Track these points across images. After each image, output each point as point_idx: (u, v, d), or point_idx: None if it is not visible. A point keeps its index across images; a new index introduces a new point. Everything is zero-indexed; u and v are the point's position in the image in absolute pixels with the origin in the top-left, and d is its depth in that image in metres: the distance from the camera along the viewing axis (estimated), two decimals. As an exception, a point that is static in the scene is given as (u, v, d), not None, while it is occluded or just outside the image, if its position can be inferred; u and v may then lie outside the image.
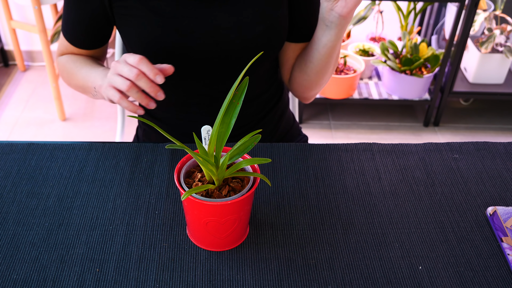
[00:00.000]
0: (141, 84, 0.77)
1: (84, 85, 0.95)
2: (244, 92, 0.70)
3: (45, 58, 2.18)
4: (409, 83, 2.24)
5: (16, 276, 0.71)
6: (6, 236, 0.76)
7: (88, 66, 0.95)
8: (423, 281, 0.72)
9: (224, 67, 0.95)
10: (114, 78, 0.79)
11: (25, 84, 2.60)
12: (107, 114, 2.41)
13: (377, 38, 2.50)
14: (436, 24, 2.46)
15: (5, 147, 0.92)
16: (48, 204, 0.81)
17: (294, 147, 0.94)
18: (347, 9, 0.84)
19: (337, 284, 0.71)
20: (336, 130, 2.37)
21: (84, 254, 0.74)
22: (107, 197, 0.83)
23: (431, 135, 2.37)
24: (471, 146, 0.96)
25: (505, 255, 0.75)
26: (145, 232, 0.77)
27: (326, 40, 0.91)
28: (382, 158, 0.93)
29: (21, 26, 2.41)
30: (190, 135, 0.86)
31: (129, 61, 0.78)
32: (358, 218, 0.81)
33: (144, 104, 0.79)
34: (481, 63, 2.27)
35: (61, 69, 1.03)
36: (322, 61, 0.95)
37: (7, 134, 2.28)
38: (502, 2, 2.18)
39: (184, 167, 0.73)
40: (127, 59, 0.79)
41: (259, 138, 0.70)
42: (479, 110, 2.53)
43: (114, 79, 0.79)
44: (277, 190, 0.85)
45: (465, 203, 0.84)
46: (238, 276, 0.72)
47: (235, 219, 0.71)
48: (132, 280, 0.70)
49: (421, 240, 0.78)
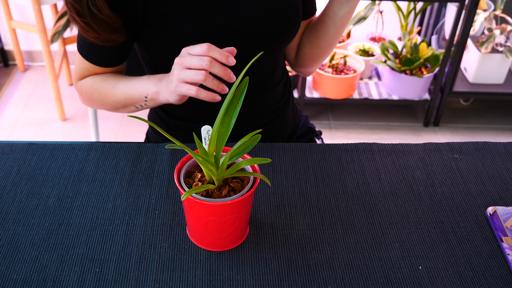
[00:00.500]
0: (215, 70, 0.77)
1: (127, 99, 0.92)
2: (244, 92, 0.70)
3: (45, 58, 2.18)
4: (409, 83, 2.24)
5: (16, 276, 0.71)
6: (6, 236, 0.76)
7: (124, 80, 0.93)
8: (423, 281, 0.72)
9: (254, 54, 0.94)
10: (186, 73, 0.78)
11: (25, 84, 2.60)
12: (107, 114, 2.41)
13: (377, 38, 2.50)
14: (436, 24, 2.46)
15: (5, 147, 0.92)
16: (48, 204, 0.81)
17: (294, 147, 0.94)
18: None
19: (337, 284, 0.71)
20: (336, 130, 2.37)
21: (84, 254, 0.74)
22: (107, 197, 0.83)
23: (431, 135, 2.37)
24: (471, 146, 0.96)
25: (505, 255, 0.75)
26: (145, 232, 0.77)
27: (344, 12, 0.94)
28: (382, 158, 0.93)
29: (21, 26, 2.41)
30: None
31: (195, 51, 0.77)
32: (358, 218, 0.81)
33: (219, 90, 0.79)
34: (481, 63, 2.27)
35: (86, 92, 0.98)
36: (337, 33, 0.99)
37: (7, 134, 2.28)
38: (502, 2, 2.18)
39: (184, 167, 0.73)
40: (190, 51, 0.78)
41: (259, 138, 0.70)
42: (479, 110, 2.53)
43: (185, 74, 0.78)
44: (277, 190, 0.85)
45: (465, 203, 0.84)
46: (238, 276, 0.72)
47: (235, 219, 0.71)
48: (132, 280, 0.70)
49: (421, 240, 0.78)
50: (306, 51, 1.05)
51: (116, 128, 2.35)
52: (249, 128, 1.02)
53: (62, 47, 2.44)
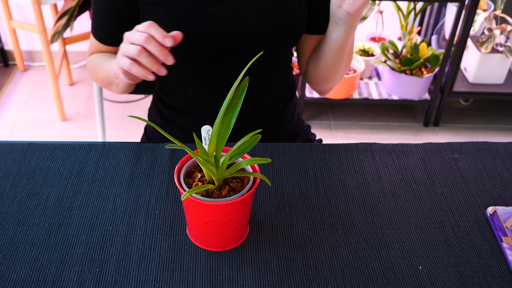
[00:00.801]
0: (151, 47, 0.78)
1: (107, 76, 0.97)
2: (244, 92, 0.70)
3: (45, 58, 2.18)
4: (409, 83, 2.24)
5: (16, 276, 0.71)
6: (6, 236, 0.76)
7: (112, 59, 0.97)
8: (423, 281, 0.72)
9: (245, 54, 0.95)
10: (126, 47, 0.80)
11: (25, 84, 2.60)
12: (107, 114, 2.41)
13: (377, 38, 2.50)
14: (436, 24, 2.46)
15: (5, 147, 0.92)
16: (48, 204, 0.81)
17: (294, 147, 0.94)
18: (355, 7, 0.85)
19: (337, 284, 0.71)
20: (336, 130, 2.37)
21: (84, 254, 0.74)
22: (107, 197, 0.83)
23: (431, 135, 2.37)
24: (471, 146, 0.96)
25: (505, 255, 0.75)
26: (145, 232, 0.77)
27: (335, 36, 0.93)
28: (382, 158, 0.93)
29: (21, 26, 2.41)
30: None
31: (139, 28, 0.79)
32: (358, 218, 0.81)
33: (154, 70, 0.80)
34: (481, 63, 2.27)
35: (89, 67, 1.05)
36: (333, 57, 0.97)
37: (7, 134, 2.28)
38: (502, 2, 2.18)
39: (184, 167, 0.73)
40: (138, 28, 0.80)
41: (259, 138, 0.70)
42: (479, 110, 2.53)
43: (126, 48, 0.80)
44: (277, 190, 0.85)
45: (465, 203, 0.84)
46: (238, 276, 0.72)
47: (235, 219, 0.71)
48: (132, 280, 0.70)
49: (421, 240, 0.78)
50: (310, 67, 1.05)
51: (116, 128, 2.35)
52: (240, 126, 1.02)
53: (62, 47, 2.44)
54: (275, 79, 1.04)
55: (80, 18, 2.47)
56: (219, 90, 1.00)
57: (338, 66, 0.99)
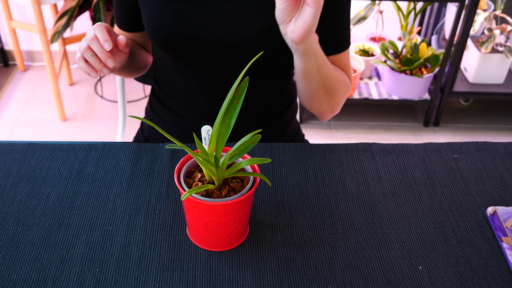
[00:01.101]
0: (94, 47, 0.83)
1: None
2: (244, 92, 0.70)
3: (45, 58, 2.18)
4: (409, 83, 2.24)
5: (16, 276, 0.71)
6: (6, 236, 0.76)
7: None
8: (423, 281, 0.72)
9: (227, 60, 0.95)
10: (81, 42, 0.86)
11: (25, 84, 2.60)
12: (107, 114, 2.42)
13: (377, 38, 2.50)
14: (436, 24, 2.46)
15: (5, 147, 0.92)
16: (48, 204, 0.81)
17: (294, 147, 0.94)
18: (296, 35, 0.79)
19: (337, 284, 0.71)
20: (336, 130, 2.37)
21: (84, 254, 0.74)
22: (107, 197, 0.83)
23: (431, 135, 2.37)
24: (471, 146, 0.96)
25: (505, 255, 0.75)
26: (145, 232, 0.77)
27: (296, 64, 0.88)
28: (382, 158, 0.93)
29: (21, 26, 2.41)
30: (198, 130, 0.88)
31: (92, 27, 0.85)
32: (358, 218, 0.81)
33: (98, 69, 0.86)
34: (481, 63, 2.27)
35: None
36: (301, 82, 0.92)
37: (7, 134, 2.29)
38: (502, 2, 2.18)
39: (184, 167, 0.73)
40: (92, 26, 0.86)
41: (259, 138, 0.70)
42: (479, 110, 2.53)
43: (81, 43, 0.86)
44: (277, 190, 0.85)
45: (465, 203, 0.84)
46: (238, 276, 0.72)
47: (235, 219, 0.71)
48: (132, 280, 0.70)
49: (421, 240, 0.78)
50: (298, 89, 0.98)
51: (116, 128, 2.35)
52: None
53: (62, 47, 2.44)
54: (270, 86, 1.02)
55: (80, 18, 2.47)
56: (209, 94, 1.01)
57: (315, 94, 0.93)
